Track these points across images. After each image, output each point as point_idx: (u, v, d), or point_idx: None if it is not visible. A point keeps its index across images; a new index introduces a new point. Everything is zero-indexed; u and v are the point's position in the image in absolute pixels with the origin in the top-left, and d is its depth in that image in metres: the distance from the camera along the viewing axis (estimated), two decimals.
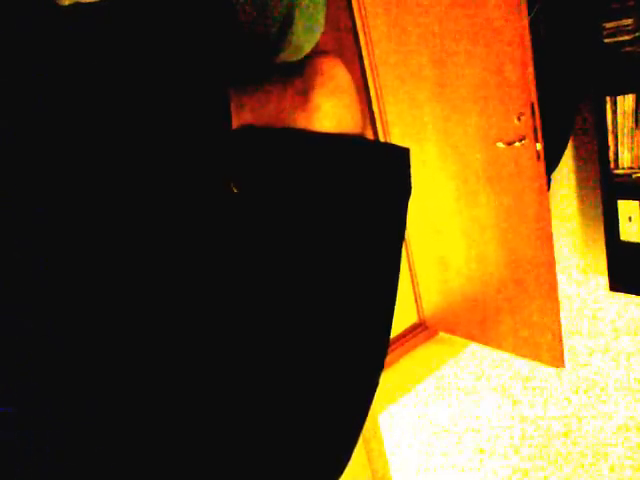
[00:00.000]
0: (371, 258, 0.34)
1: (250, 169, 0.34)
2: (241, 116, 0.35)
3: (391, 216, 0.35)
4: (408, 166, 0.37)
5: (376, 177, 0.34)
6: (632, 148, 1.83)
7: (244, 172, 0.34)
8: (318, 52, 0.39)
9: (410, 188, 0.37)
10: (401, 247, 0.37)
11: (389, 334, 0.36)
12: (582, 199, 2.23)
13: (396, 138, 2.32)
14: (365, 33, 2.20)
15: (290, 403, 0.30)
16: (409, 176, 0.37)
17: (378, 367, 0.35)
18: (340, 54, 2.19)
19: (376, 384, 0.36)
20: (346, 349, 0.33)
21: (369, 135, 0.38)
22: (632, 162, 1.84)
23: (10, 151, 0.27)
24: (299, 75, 0.36)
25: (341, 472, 0.34)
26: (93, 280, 0.28)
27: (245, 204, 0.34)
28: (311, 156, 0.33)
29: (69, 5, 0.31)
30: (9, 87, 0.28)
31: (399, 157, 0.36)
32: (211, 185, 0.33)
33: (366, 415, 0.35)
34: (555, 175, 2.25)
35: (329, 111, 0.35)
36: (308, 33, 0.39)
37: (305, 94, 0.35)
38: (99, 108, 0.30)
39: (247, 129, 0.35)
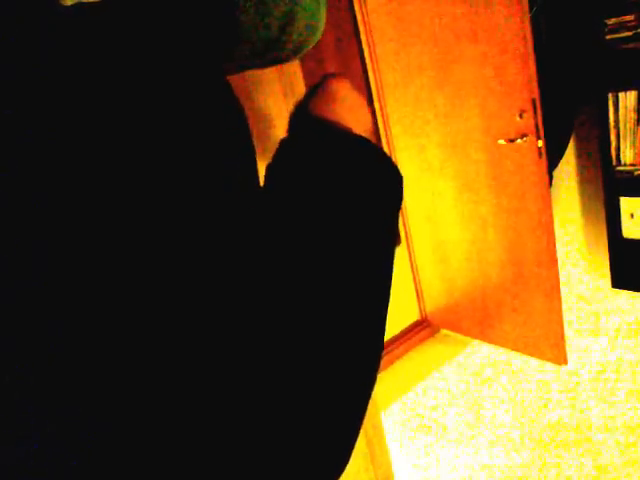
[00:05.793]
0: (370, 254, 0.35)
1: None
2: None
3: (386, 216, 0.36)
4: (401, 181, 0.39)
5: (375, 173, 0.34)
6: (634, 145, 1.82)
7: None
8: (327, 75, 0.41)
9: (402, 197, 0.39)
10: (394, 249, 0.38)
11: (383, 331, 0.37)
12: (584, 196, 2.22)
13: (397, 136, 2.31)
14: (366, 32, 2.20)
15: (287, 402, 0.31)
16: (402, 187, 0.39)
17: (373, 366, 0.36)
18: (341, 53, 2.18)
19: (373, 381, 0.36)
20: (342, 347, 0.33)
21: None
22: (634, 159, 1.84)
23: (10, 151, 0.27)
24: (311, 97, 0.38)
25: (341, 470, 0.34)
26: (94, 279, 0.28)
27: (245, 201, 0.34)
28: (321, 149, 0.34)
29: (71, 5, 0.31)
30: (10, 87, 0.28)
31: (394, 169, 0.37)
32: (213, 183, 0.33)
33: (364, 412, 0.35)
34: (557, 172, 2.24)
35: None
36: (309, 32, 0.39)
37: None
38: (102, 108, 0.30)
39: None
